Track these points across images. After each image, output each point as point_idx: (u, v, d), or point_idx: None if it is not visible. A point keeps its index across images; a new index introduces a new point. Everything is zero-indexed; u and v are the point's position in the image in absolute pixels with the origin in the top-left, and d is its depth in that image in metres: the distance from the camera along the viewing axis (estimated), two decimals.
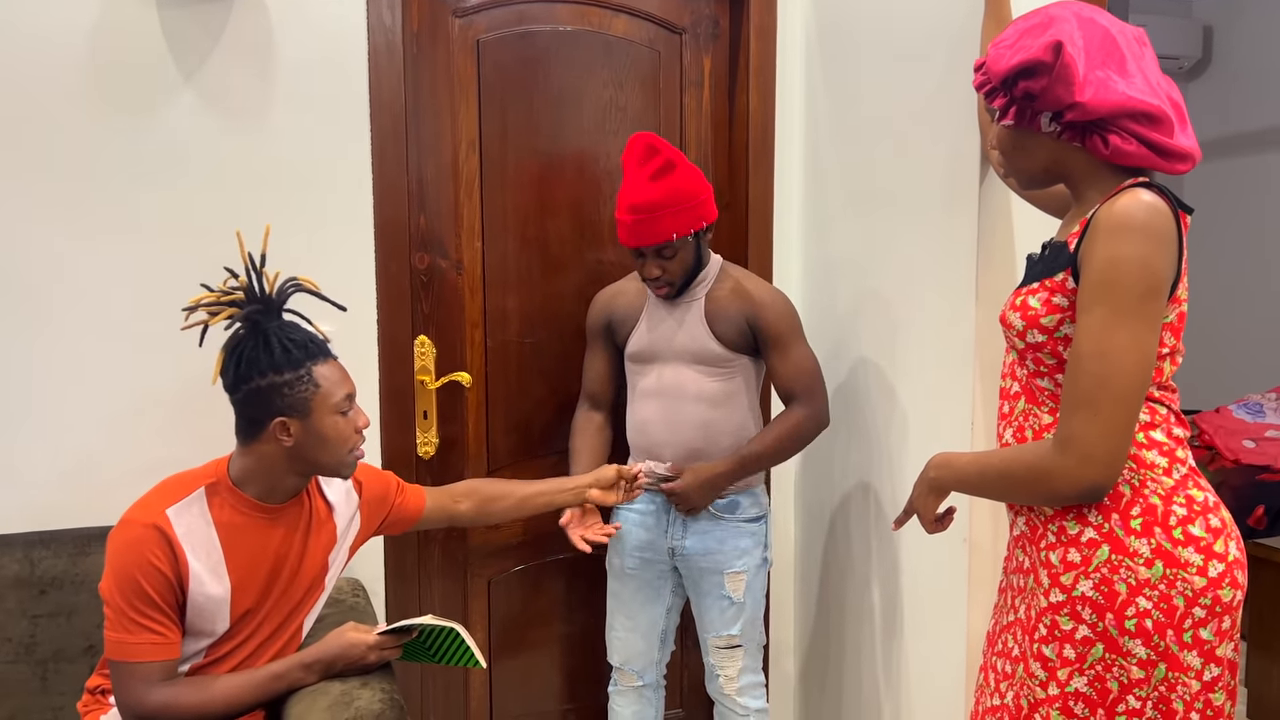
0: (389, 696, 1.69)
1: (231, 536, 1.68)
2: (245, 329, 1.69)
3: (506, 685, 2.60)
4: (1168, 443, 1.37)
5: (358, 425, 1.73)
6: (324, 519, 1.82)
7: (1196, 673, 1.34)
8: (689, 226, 2.06)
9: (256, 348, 1.65)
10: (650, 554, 2.25)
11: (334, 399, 1.68)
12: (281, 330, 1.68)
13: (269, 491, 1.72)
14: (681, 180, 2.05)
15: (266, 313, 1.70)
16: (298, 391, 1.65)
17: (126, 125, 2.08)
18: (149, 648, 1.61)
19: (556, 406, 2.55)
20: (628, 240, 2.09)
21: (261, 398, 1.64)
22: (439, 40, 2.36)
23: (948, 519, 1.59)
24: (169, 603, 1.63)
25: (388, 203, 2.28)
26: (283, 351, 1.65)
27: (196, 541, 1.65)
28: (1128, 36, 1.37)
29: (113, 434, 2.11)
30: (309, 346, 1.68)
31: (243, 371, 1.64)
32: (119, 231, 2.09)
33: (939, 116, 2.03)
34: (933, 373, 2.09)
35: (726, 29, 2.61)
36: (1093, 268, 1.29)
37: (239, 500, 1.70)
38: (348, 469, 1.75)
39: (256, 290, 1.70)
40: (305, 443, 1.67)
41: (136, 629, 1.60)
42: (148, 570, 1.60)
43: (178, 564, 1.62)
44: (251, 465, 1.70)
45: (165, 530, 1.61)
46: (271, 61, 2.17)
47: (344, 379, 1.71)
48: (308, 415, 1.66)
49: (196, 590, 1.64)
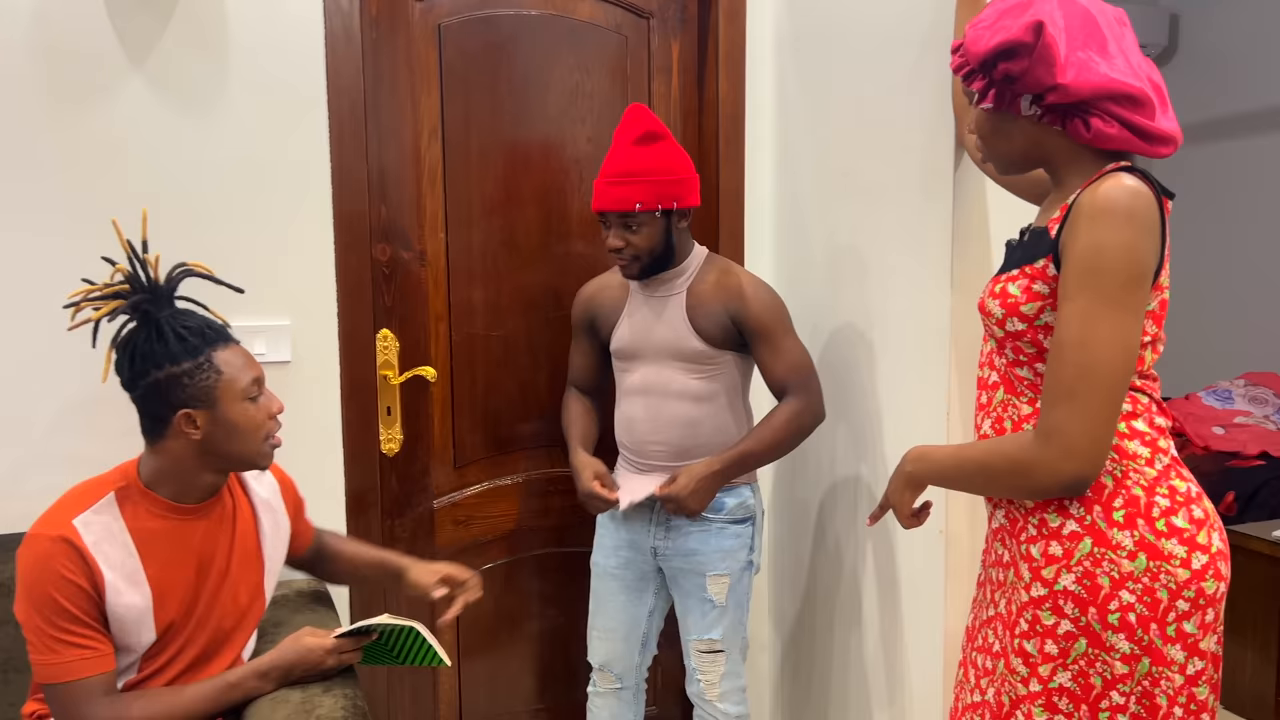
0: (352, 703, 1.64)
1: (147, 542, 1.60)
2: (136, 321, 1.60)
3: (476, 686, 2.55)
4: (1150, 432, 1.35)
5: (271, 411, 1.65)
6: (248, 514, 1.75)
7: (1180, 667, 1.32)
8: (656, 201, 2.00)
9: (150, 339, 1.56)
10: (633, 554, 2.20)
11: (240, 384, 1.59)
12: (175, 319, 1.59)
13: (183, 491, 1.63)
14: (661, 154, 2.01)
15: (156, 301, 1.60)
16: (199, 381, 1.56)
17: (69, 113, 2.00)
18: (80, 664, 1.53)
19: (524, 401, 2.50)
20: (595, 204, 2.05)
21: (161, 391, 1.56)
22: (398, 25, 2.29)
23: (924, 513, 1.56)
24: (91, 615, 1.54)
25: (347, 193, 2.21)
26: (178, 340, 1.56)
27: (109, 550, 1.56)
28: (1108, 17, 1.34)
29: (48, 435, 2.03)
30: (206, 333, 1.59)
31: (138, 366, 1.56)
32: (61, 226, 2.01)
33: (913, 101, 2.00)
34: (907, 363, 2.07)
35: (695, 14, 2.56)
36: (1075, 255, 1.26)
37: (152, 503, 1.61)
38: (265, 458, 1.66)
39: (142, 279, 1.61)
40: (215, 434, 1.59)
41: (63, 647, 1.52)
42: (61, 585, 1.51)
43: (92, 575, 1.53)
44: (162, 464, 1.61)
45: (74, 541, 1.53)
46: (224, 47, 2.10)
47: (249, 363, 1.63)
48: (213, 405, 1.57)
49: (114, 601, 1.56)
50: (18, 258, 2.00)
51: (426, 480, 2.43)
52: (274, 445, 1.67)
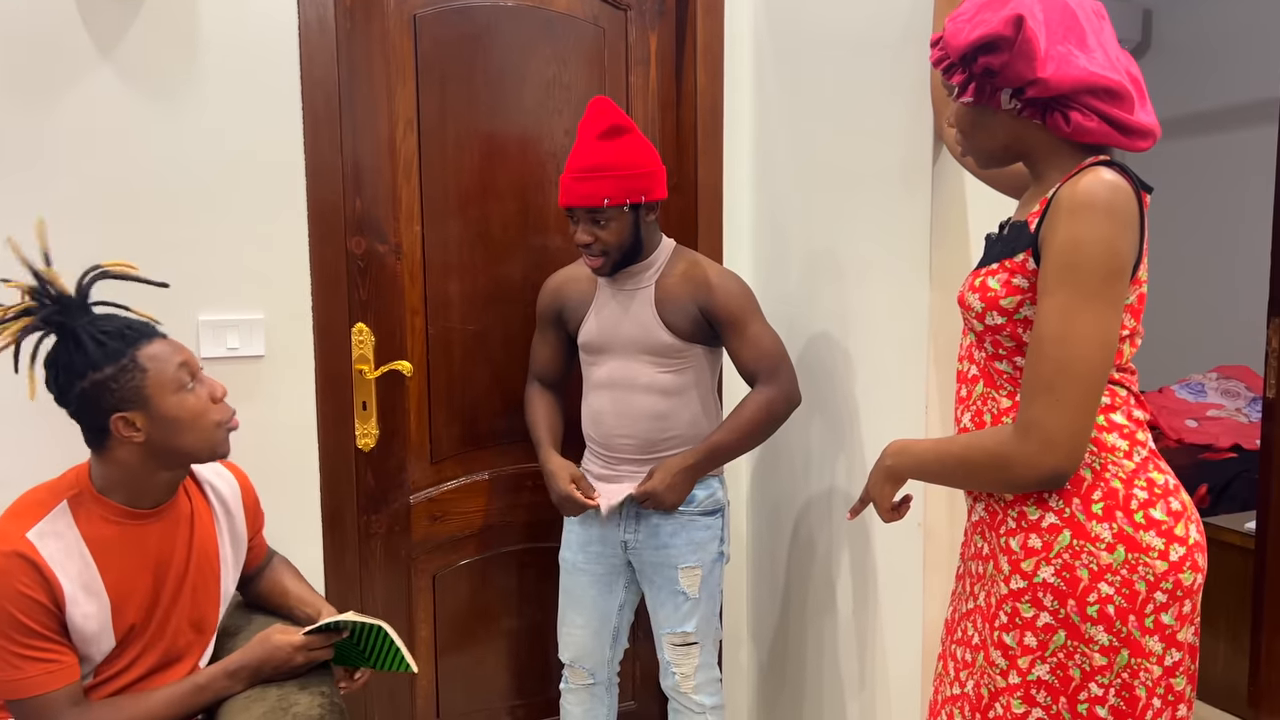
0: (329, 700, 1.63)
1: (103, 550, 1.57)
2: (54, 334, 1.55)
3: (453, 683, 2.53)
4: (1128, 425, 1.36)
5: (214, 395, 1.61)
6: (207, 517, 1.73)
7: (1158, 658, 1.32)
8: (624, 196, 1.99)
9: (69, 350, 1.52)
10: (602, 547, 2.19)
11: (167, 375, 1.55)
12: (93, 325, 1.54)
13: (138, 495, 1.60)
14: (627, 148, 1.99)
15: (67, 311, 1.55)
16: (125, 383, 1.52)
17: (36, 105, 1.96)
18: (44, 678, 1.50)
19: (501, 395, 2.48)
20: (562, 199, 2.03)
21: (91, 400, 1.52)
22: (373, 15, 2.27)
23: (904, 507, 1.56)
24: (51, 629, 1.51)
25: (321, 185, 2.18)
26: (96, 346, 1.52)
27: (66, 560, 1.53)
28: (1086, 10, 1.34)
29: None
30: (126, 333, 1.55)
31: (63, 379, 1.52)
32: (25, 219, 1.97)
33: (891, 95, 2.00)
34: (887, 356, 2.07)
35: (673, 6, 2.55)
36: (1055, 249, 1.26)
37: (107, 509, 1.58)
38: (221, 445, 1.62)
39: (48, 293, 1.55)
40: (158, 433, 1.55)
41: (24, 662, 1.49)
42: (19, 600, 1.48)
43: (51, 589, 1.50)
44: (112, 471, 1.58)
45: (29, 556, 1.49)
46: (196, 36, 2.06)
47: (175, 351, 1.58)
48: (146, 404, 1.53)
49: (74, 612, 1.53)
50: None
51: (402, 476, 2.41)
52: (229, 429, 1.63)
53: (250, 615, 1.89)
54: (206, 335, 2.10)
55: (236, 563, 1.79)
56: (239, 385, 2.09)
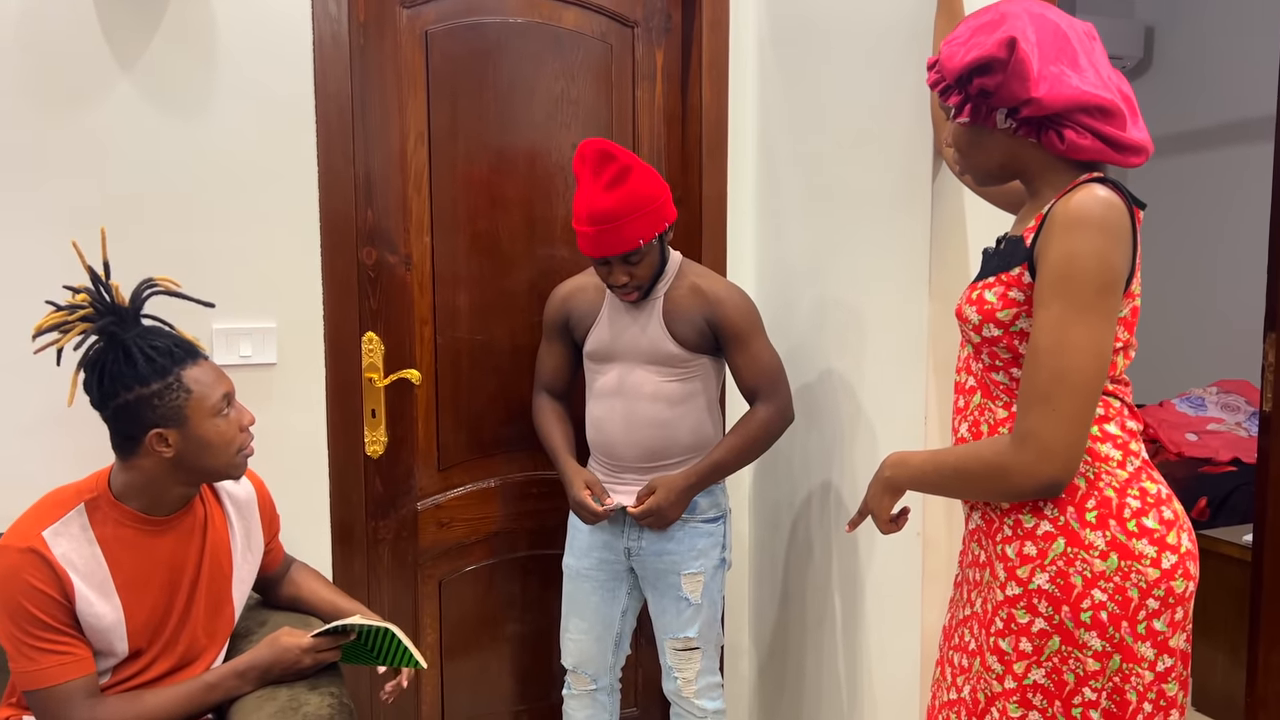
0: (338, 700, 1.66)
1: (117, 552, 1.61)
2: (103, 343, 1.59)
3: (458, 687, 2.56)
4: (1121, 435, 1.38)
5: (242, 423, 1.66)
6: (221, 523, 1.76)
7: (1150, 664, 1.35)
8: (653, 230, 2.02)
9: (118, 361, 1.56)
10: (606, 554, 2.22)
11: (210, 402, 1.60)
12: (143, 339, 1.58)
13: (154, 504, 1.64)
14: (640, 184, 2.00)
15: (122, 323, 1.60)
16: (168, 401, 1.57)
17: (58, 117, 2.01)
18: (58, 669, 1.55)
19: (508, 404, 2.52)
20: (592, 250, 2.02)
21: (132, 412, 1.56)
22: (386, 31, 2.31)
23: (903, 519, 1.59)
24: (64, 622, 1.56)
25: (334, 196, 2.22)
26: (146, 362, 1.56)
27: (78, 560, 1.57)
28: (1078, 31, 1.37)
29: (37, 436, 2.03)
30: (174, 352, 1.59)
31: (107, 388, 1.56)
32: (49, 230, 2.01)
33: (892, 111, 2.04)
34: (886, 367, 2.10)
35: (679, 22, 2.59)
36: (1049, 263, 1.29)
37: (123, 514, 1.62)
38: (237, 469, 1.67)
39: (107, 301, 1.60)
40: (187, 451, 1.60)
41: (39, 654, 1.54)
42: (32, 594, 1.53)
43: (61, 583, 1.55)
44: (134, 479, 1.62)
45: (42, 553, 1.54)
46: (213, 51, 2.11)
47: (219, 379, 1.63)
48: (184, 423, 1.58)
49: (85, 610, 1.57)
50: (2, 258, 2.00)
51: (410, 482, 2.44)
52: (246, 455, 1.68)
53: (265, 616, 1.92)
54: (220, 343, 2.15)
55: (252, 568, 1.82)
56: (251, 392, 2.13)
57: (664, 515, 2.11)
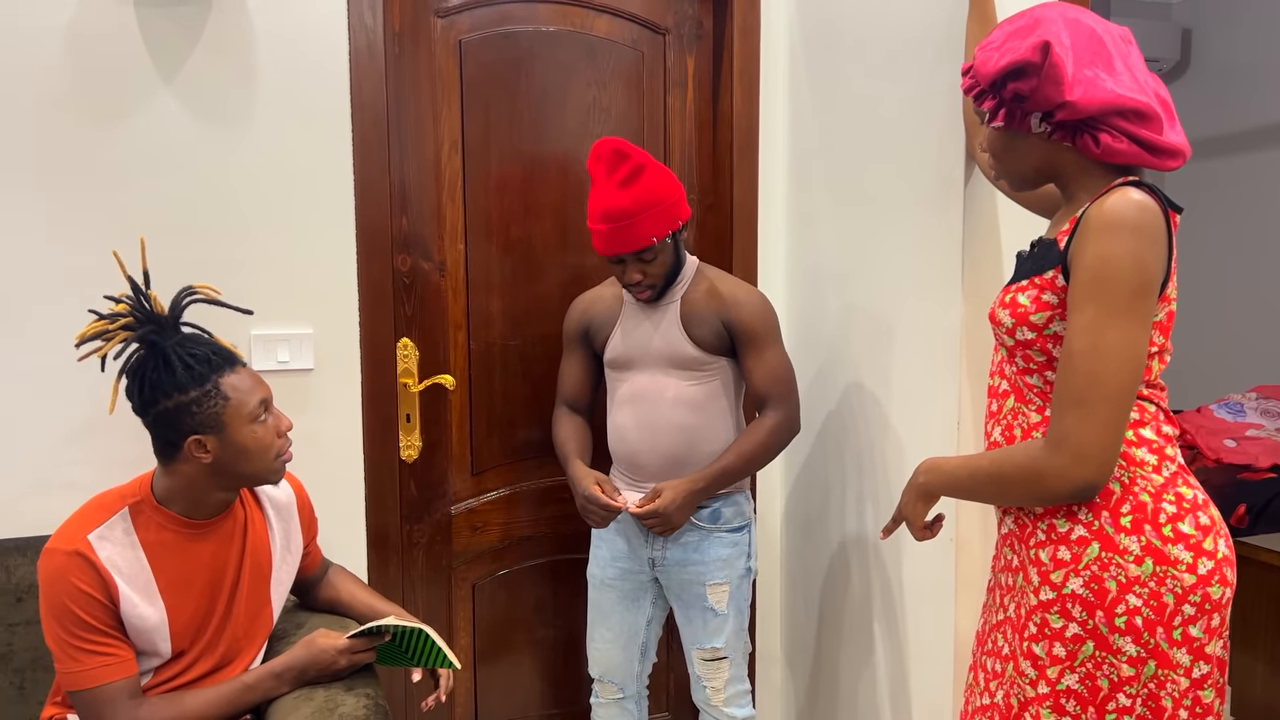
0: (374, 702, 1.67)
1: (160, 555, 1.64)
2: (144, 351, 1.63)
3: (491, 690, 2.58)
4: (1157, 440, 1.37)
5: (280, 429, 1.69)
6: (261, 526, 1.79)
7: (1185, 670, 1.33)
8: (666, 228, 2.03)
9: (158, 369, 1.59)
10: (630, 564, 2.21)
11: (247, 408, 1.63)
12: (182, 347, 1.62)
13: (195, 507, 1.67)
14: (653, 182, 2.01)
15: (162, 331, 1.64)
16: (207, 408, 1.60)
17: (102, 128, 2.05)
18: (102, 670, 1.58)
19: (540, 408, 2.54)
20: (606, 249, 2.04)
21: (171, 419, 1.59)
22: (421, 40, 2.35)
23: (937, 526, 1.58)
24: (108, 624, 1.59)
25: (369, 204, 2.25)
26: (185, 369, 1.59)
27: (122, 564, 1.61)
28: (1113, 35, 1.37)
29: (84, 440, 2.08)
30: (213, 359, 1.62)
31: (147, 395, 1.59)
32: (94, 238, 2.06)
33: (924, 115, 2.03)
34: (919, 372, 2.09)
35: (710, 29, 2.61)
36: (1084, 266, 1.29)
37: (165, 518, 1.66)
38: (276, 475, 1.70)
39: (146, 309, 1.64)
40: (226, 457, 1.63)
41: (84, 655, 1.57)
42: (77, 596, 1.56)
43: (106, 586, 1.58)
44: (175, 484, 1.65)
45: (88, 556, 1.57)
46: (252, 62, 2.15)
47: (256, 385, 1.66)
48: (222, 430, 1.61)
49: (129, 612, 1.61)
50: (44, 271, 2.05)
51: (444, 486, 2.47)
52: (285, 460, 1.71)
53: (302, 618, 1.94)
54: (258, 349, 2.18)
55: (290, 570, 1.85)
56: (288, 397, 2.16)
57: (669, 519, 2.05)
